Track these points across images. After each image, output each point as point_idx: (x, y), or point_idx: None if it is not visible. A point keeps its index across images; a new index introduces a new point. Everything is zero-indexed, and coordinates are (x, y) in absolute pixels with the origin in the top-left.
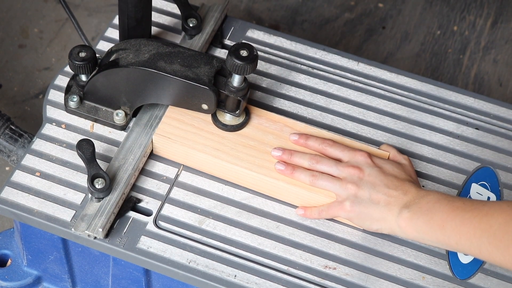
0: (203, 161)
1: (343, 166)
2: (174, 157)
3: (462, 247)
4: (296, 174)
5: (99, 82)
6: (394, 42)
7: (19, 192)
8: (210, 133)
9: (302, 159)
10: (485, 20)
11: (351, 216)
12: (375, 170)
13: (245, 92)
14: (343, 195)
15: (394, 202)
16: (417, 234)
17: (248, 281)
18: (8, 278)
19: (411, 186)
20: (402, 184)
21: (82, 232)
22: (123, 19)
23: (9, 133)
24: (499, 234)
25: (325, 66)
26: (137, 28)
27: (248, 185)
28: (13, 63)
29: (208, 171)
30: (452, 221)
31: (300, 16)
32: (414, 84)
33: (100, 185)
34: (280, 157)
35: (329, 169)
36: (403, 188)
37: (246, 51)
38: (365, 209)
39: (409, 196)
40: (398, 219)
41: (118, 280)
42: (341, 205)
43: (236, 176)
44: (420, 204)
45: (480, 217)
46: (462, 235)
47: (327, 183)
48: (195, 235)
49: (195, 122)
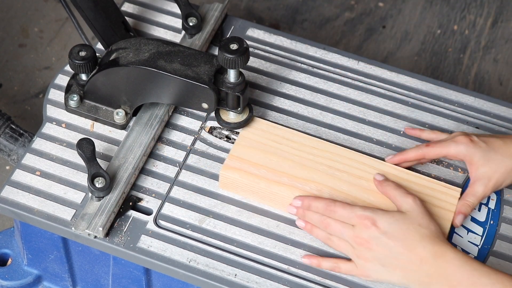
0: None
1: (351, 236)
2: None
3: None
4: (314, 231)
5: (99, 81)
6: (394, 41)
7: (19, 191)
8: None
9: (313, 216)
10: (485, 20)
11: (368, 279)
12: (382, 241)
13: (242, 87)
14: (357, 263)
15: (413, 276)
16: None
17: (249, 280)
18: (8, 277)
19: (424, 249)
20: (414, 250)
21: (83, 231)
22: (89, 25)
23: (9, 132)
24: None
25: (325, 65)
26: (107, 28)
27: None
28: (13, 62)
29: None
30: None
31: (300, 15)
32: (414, 83)
33: (100, 184)
34: (296, 213)
35: (340, 234)
36: (416, 255)
37: (236, 44)
38: (382, 278)
39: (426, 265)
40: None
41: (118, 279)
42: (357, 270)
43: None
44: (450, 280)
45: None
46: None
47: (342, 248)
48: (195, 234)
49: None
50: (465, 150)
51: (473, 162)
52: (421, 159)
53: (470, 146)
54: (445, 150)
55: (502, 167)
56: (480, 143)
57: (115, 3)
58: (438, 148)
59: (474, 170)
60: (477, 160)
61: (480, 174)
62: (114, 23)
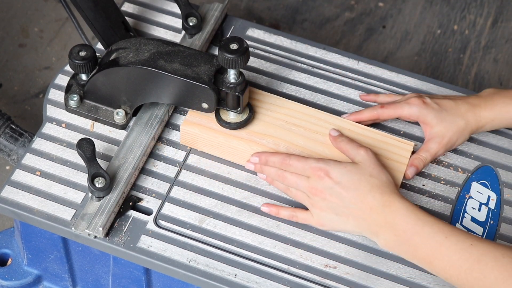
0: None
1: (306, 187)
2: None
3: (451, 281)
4: (275, 183)
5: (99, 81)
6: (394, 41)
7: (19, 191)
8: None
9: (271, 170)
10: (485, 19)
11: (323, 229)
12: (335, 191)
13: (242, 87)
14: (312, 212)
15: (363, 225)
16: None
17: (249, 280)
18: (8, 277)
19: (373, 199)
20: (364, 200)
21: (83, 231)
22: (89, 25)
23: (9, 132)
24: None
25: (325, 65)
26: (107, 28)
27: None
28: (13, 62)
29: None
30: (439, 261)
31: (300, 15)
32: (414, 83)
33: (100, 184)
34: (255, 169)
35: (296, 185)
36: (366, 204)
37: (236, 44)
38: (336, 227)
39: (375, 214)
40: (374, 239)
41: (119, 279)
42: (313, 219)
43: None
44: (396, 229)
45: (472, 263)
46: (452, 277)
47: (299, 198)
48: (195, 234)
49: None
50: (418, 111)
51: (427, 122)
52: (375, 119)
53: (423, 107)
54: (399, 111)
55: (455, 126)
56: (433, 104)
57: (115, 3)
58: (392, 109)
59: (429, 129)
60: (430, 120)
61: (434, 133)
62: (114, 23)
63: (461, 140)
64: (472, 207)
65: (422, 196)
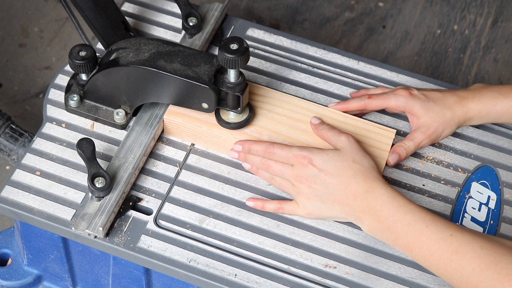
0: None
1: (291, 175)
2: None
3: (431, 270)
4: (259, 172)
5: (100, 81)
6: (394, 41)
7: (19, 191)
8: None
9: (254, 159)
10: (485, 19)
11: (310, 217)
12: (319, 178)
13: (242, 87)
14: (298, 201)
15: (348, 210)
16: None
17: (249, 280)
18: (8, 277)
19: (357, 184)
20: (348, 186)
21: (83, 231)
22: (89, 25)
23: (9, 132)
24: (473, 281)
25: (325, 65)
26: (107, 28)
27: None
28: (13, 62)
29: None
30: (419, 249)
31: (300, 15)
32: (414, 83)
33: (101, 184)
34: (238, 157)
35: (280, 174)
36: (350, 191)
37: (236, 44)
38: (323, 214)
39: (359, 200)
40: (359, 224)
41: (119, 279)
42: (299, 209)
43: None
44: (378, 215)
45: (451, 254)
46: (432, 265)
47: (284, 187)
48: (195, 234)
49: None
50: (404, 102)
51: (413, 112)
52: (363, 110)
53: (410, 98)
54: (386, 102)
55: (441, 117)
56: (420, 96)
57: (115, 3)
58: (379, 100)
59: (416, 120)
60: (416, 111)
61: (420, 123)
62: (114, 23)
63: (448, 131)
64: (472, 207)
65: (422, 196)
